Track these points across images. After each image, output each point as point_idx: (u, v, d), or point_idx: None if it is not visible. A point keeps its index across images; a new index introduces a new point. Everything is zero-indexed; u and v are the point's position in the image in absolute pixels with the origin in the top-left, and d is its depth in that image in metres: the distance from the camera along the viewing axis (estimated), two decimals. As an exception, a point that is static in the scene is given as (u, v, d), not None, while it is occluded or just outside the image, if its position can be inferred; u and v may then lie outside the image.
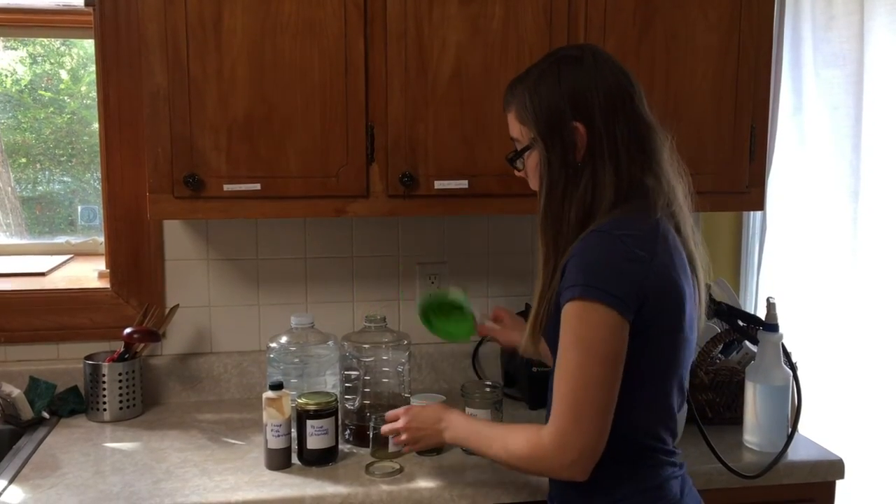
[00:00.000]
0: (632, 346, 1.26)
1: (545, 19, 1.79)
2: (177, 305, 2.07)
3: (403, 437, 1.53)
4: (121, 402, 1.94)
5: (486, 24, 1.77)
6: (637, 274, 1.25)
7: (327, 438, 1.65)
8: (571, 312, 1.25)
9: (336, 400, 1.68)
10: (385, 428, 1.58)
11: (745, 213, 2.36)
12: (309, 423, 1.63)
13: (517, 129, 1.39)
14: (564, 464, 1.27)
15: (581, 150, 1.31)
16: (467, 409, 1.77)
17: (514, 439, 1.34)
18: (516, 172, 1.45)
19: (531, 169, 1.39)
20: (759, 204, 1.98)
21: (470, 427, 1.47)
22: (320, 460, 1.66)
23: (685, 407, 1.55)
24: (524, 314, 2.10)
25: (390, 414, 1.58)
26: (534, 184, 1.39)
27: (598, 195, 1.30)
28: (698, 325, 1.40)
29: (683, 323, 1.32)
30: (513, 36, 1.79)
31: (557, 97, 1.32)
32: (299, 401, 1.66)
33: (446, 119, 1.79)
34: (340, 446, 1.72)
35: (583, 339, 1.24)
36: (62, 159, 2.37)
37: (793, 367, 1.78)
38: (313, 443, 1.64)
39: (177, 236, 2.08)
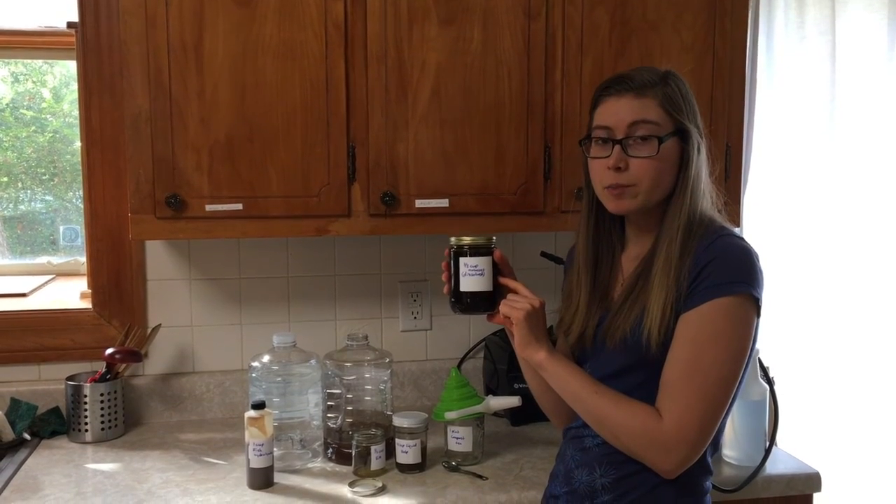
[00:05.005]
0: None
1: (523, 41, 1.82)
2: (159, 325, 2.07)
3: (520, 304, 1.39)
4: (102, 422, 1.94)
5: (465, 46, 1.80)
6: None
7: (483, 280, 1.43)
8: (717, 307, 1.27)
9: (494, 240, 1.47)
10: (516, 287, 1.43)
11: (722, 229, 2.39)
12: (462, 261, 1.43)
13: (657, 114, 1.34)
14: (676, 459, 1.27)
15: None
16: (448, 428, 1.78)
17: (626, 408, 1.31)
18: (615, 162, 1.34)
19: (666, 155, 1.34)
20: (735, 221, 2.00)
21: (572, 366, 1.39)
22: (475, 305, 1.44)
23: None
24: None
25: (523, 291, 1.42)
26: (656, 171, 1.34)
27: (714, 194, 1.41)
28: None
29: None
30: (491, 57, 1.81)
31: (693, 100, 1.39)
32: (453, 239, 1.46)
33: (426, 139, 1.81)
34: (327, 465, 1.71)
35: (725, 334, 1.26)
36: (44, 178, 2.37)
37: (770, 382, 1.80)
38: (467, 284, 1.43)
39: (159, 256, 2.09)
